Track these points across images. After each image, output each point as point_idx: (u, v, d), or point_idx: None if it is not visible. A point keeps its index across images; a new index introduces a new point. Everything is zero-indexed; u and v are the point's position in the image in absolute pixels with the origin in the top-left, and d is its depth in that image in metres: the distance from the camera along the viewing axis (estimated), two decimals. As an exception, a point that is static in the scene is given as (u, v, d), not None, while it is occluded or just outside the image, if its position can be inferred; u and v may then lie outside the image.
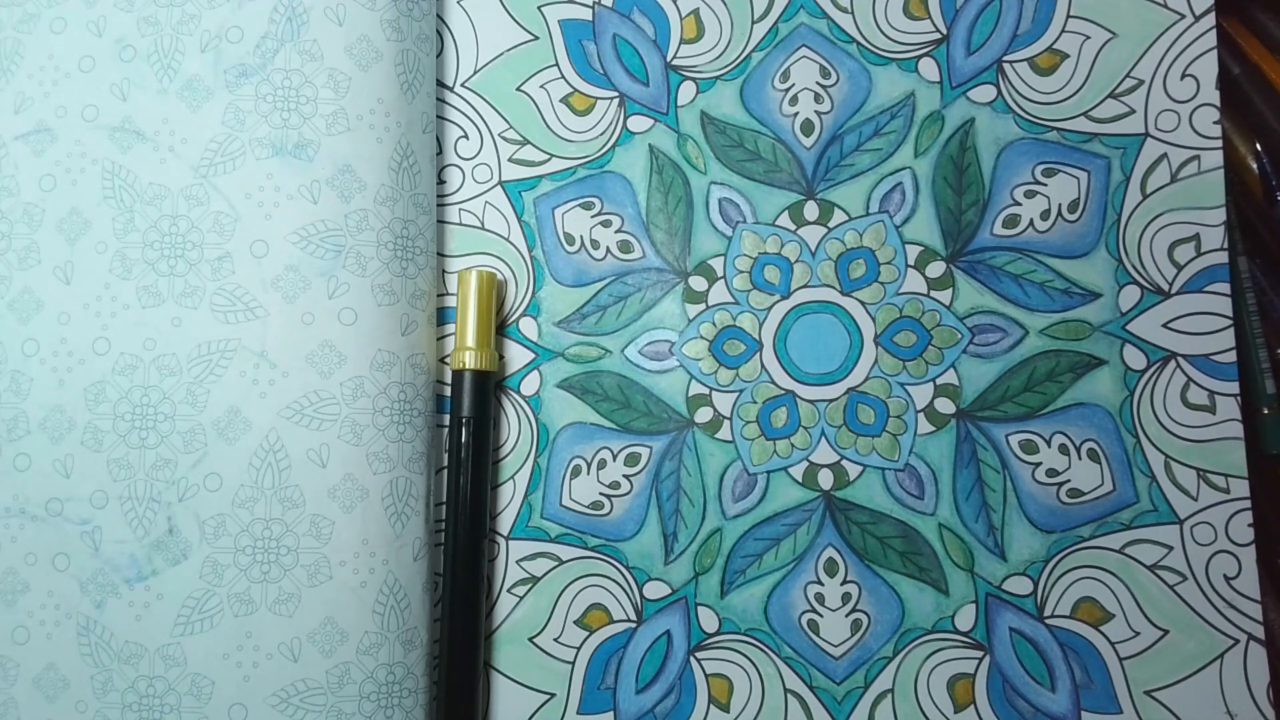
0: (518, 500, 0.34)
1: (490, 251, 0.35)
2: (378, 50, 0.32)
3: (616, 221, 0.35)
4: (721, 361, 0.34)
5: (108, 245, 0.32)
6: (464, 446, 0.32)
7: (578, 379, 0.34)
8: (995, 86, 0.34)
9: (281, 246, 0.31)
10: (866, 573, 0.33)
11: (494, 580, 0.34)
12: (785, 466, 0.34)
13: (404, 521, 0.31)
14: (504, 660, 0.33)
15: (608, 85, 0.35)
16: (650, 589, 0.33)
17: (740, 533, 0.33)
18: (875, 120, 0.34)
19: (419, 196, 0.33)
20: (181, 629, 0.30)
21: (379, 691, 0.31)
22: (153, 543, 0.31)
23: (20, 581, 0.31)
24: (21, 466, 0.32)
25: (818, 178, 0.34)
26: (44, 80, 0.33)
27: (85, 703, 0.31)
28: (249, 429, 0.31)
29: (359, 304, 0.31)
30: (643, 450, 0.34)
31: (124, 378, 0.31)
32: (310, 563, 0.30)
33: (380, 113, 0.32)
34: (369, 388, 0.31)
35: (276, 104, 0.32)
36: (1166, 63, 0.34)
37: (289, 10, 0.32)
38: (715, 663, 0.33)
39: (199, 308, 0.31)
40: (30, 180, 0.32)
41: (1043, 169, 0.34)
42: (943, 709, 0.33)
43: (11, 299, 0.32)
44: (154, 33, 0.32)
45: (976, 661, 0.33)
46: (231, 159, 0.32)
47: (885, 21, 0.35)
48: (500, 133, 0.35)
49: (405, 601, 0.31)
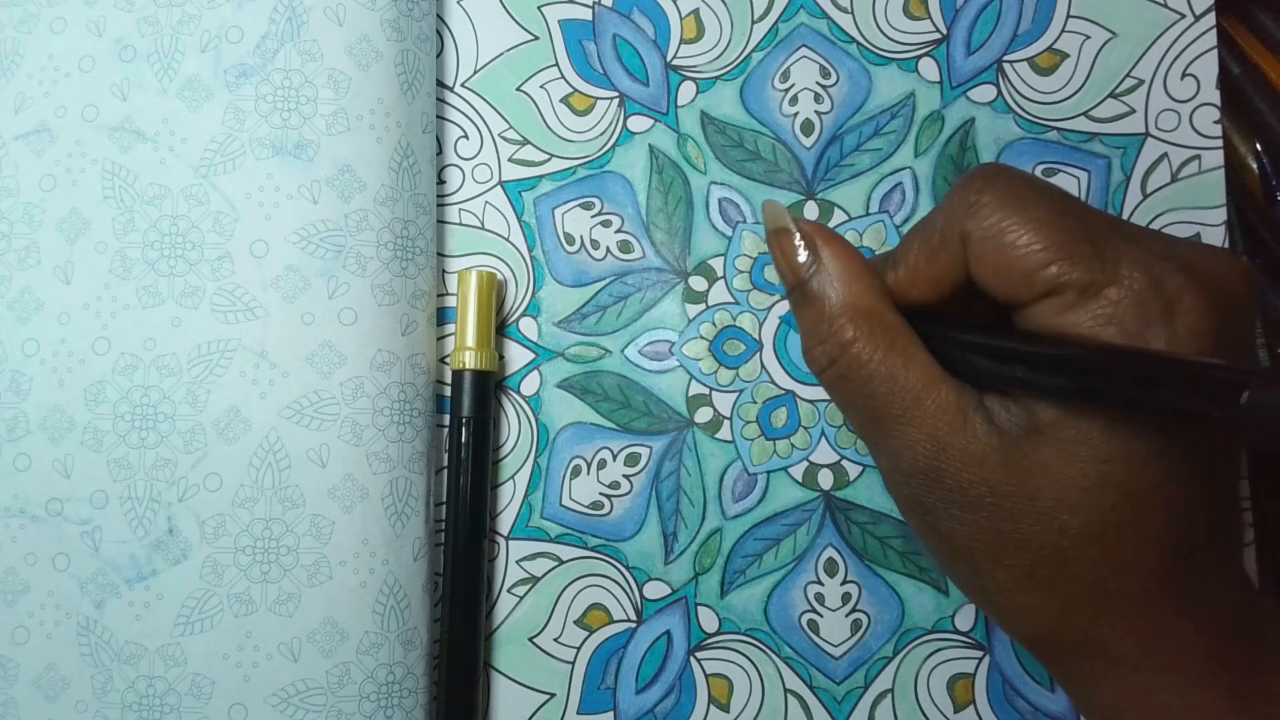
0: (518, 500, 0.34)
1: (490, 251, 0.35)
2: (378, 50, 0.32)
3: (616, 221, 0.35)
4: (721, 361, 0.34)
5: (108, 245, 0.32)
6: (464, 446, 0.32)
7: (578, 379, 0.34)
8: (995, 86, 0.34)
9: (281, 246, 0.31)
10: (866, 573, 0.33)
11: (494, 580, 0.34)
12: (785, 466, 0.34)
13: (404, 521, 0.31)
14: (504, 660, 0.33)
15: (608, 85, 0.35)
16: (650, 589, 0.33)
17: (740, 533, 0.33)
18: (875, 120, 0.34)
19: (419, 196, 0.33)
20: (181, 629, 0.30)
21: (379, 691, 0.31)
22: (153, 543, 0.31)
23: (20, 581, 0.31)
24: (21, 466, 0.32)
25: (818, 178, 0.34)
26: (44, 80, 0.33)
27: (85, 703, 0.31)
28: (249, 429, 0.31)
29: (359, 304, 0.31)
30: (643, 450, 0.34)
31: (124, 378, 0.31)
32: (310, 563, 0.30)
33: (380, 113, 0.32)
34: (369, 388, 0.31)
35: (276, 104, 0.32)
36: (1167, 63, 0.34)
37: (289, 10, 0.32)
38: (715, 663, 0.33)
39: (199, 308, 0.31)
40: (30, 180, 0.32)
41: (1043, 169, 0.34)
42: (942, 709, 0.33)
43: (11, 299, 0.32)
44: (154, 33, 0.32)
45: (976, 661, 0.33)
46: (231, 159, 0.32)
47: (885, 21, 0.35)
48: (500, 133, 0.35)
49: (405, 601, 0.31)
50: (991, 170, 0.24)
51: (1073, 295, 0.22)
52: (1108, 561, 0.22)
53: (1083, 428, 0.22)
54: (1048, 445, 0.22)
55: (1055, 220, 0.22)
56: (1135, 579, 0.22)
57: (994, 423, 0.23)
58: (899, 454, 0.24)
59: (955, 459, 0.23)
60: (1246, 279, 0.23)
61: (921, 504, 0.24)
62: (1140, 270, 0.21)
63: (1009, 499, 0.22)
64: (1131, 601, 0.22)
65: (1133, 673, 0.23)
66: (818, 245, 0.26)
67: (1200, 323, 0.21)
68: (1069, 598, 0.23)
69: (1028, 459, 0.22)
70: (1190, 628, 0.22)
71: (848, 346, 0.24)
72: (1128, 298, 0.21)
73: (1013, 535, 0.22)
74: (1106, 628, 0.23)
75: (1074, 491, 0.22)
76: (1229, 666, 0.22)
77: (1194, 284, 0.21)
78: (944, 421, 0.23)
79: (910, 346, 0.24)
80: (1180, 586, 0.22)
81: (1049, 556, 0.22)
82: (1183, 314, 0.21)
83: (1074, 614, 0.23)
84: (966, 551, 0.24)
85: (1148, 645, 0.22)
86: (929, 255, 0.24)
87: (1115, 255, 0.21)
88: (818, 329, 0.25)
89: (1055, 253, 0.22)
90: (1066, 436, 0.22)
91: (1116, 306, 0.21)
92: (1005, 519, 0.22)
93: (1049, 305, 0.22)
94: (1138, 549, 0.22)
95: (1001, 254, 0.22)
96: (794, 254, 0.26)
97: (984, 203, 0.23)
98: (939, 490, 0.23)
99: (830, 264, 0.25)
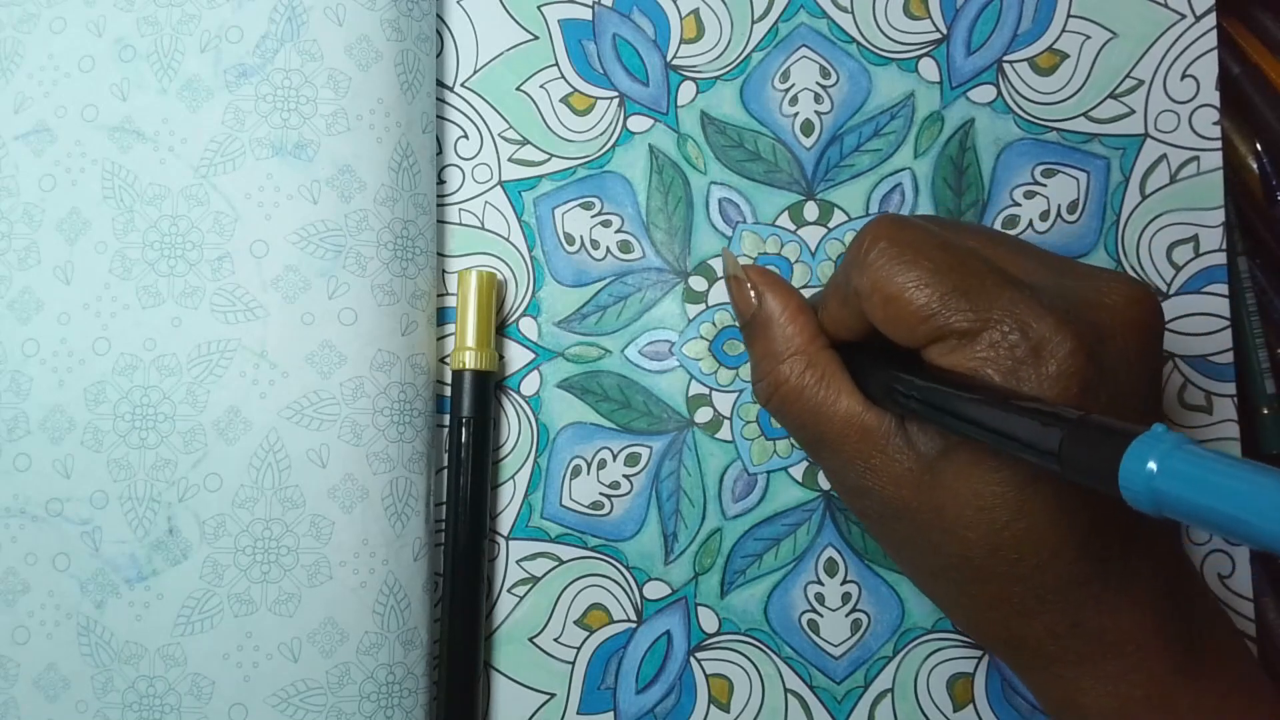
0: (518, 500, 0.34)
1: (490, 251, 0.35)
2: (378, 50, 0.32)
3: (616, 221, 0.35)
4: (721, 361, 0.34)
5: (108, 245, 0.32)
6: (464, 446, 0.32)
7: (578, 379, 0.34)
8: (995, 87, 0.34)
9: (281, 246, 0.31)
10: (866, 573, 0.33)
11: (494, 580, 0.34)
12: (785, 466, 0.34)
13: (404, 521, 0.32)
14: (504, 660, 0.33)
15: (608, 85, 0.35)
16: (650, 589, 0.33)
17: (740, 533, 0.33)
18: (875, 121, 0.34)
19: (419, 196, 0.33)
20: (182, 629, 0.30)
21: (379, 691, 0.31)
22: (153, 543, 0.31)
23: (20, 582, 0.31)
24: (21, 466, 0.32)
25: (818, 178, 0.34)
26: (44, 80, 0.33)
27: (85, 703, 0.31)
28: (249, 429, 0.31)
29: (359, 304, 0.31)
30: (643, 450, 0.34)
31: (124, 378, 0.31)
32: (310, 563, 0.30)
33: (380, 113, 0.32)
34: (369, 388, 0.31)
35: (276, 104, 0.32)
36: (1167, 63, 0.34)
37: (289, 10, 0.32)
38: (715, 663, 0.33)
39: (199, 308, 0.31)
40: (30, 180, 0.32)
41: (1042, 169, 0.34)
42: (942, 708, 0.33)
43: (11, 299, 0.32)
44: (154, 33, 0.32)
45: (976, 661, 0.33)
46: (231, 159, 0.32)
47: (885, 21, 0.35)
48: (500, 133, 0.35)
49: (405, 601, 0.31)
50: (879, 226, 0.25)
51: (954, 341, 0.23)
52: (1009, 572, 0.24)
53: (979, 451, 0.24)
54: (951, 466, 0.24)
55: (932, 276, 0.24)
56: (1042, 586, 0.24)
57: (912, 445, 0.25)
58: (836, 471, 0.27)
59: (879, 477, 0.25)
60: (1142, 310, 0.24)
61: (858, 512, 0.27)
62: (1010, 317, 0.23)
63: (921, 512, 0.25)
64: (1044, 603, 0.24)
65: (1054, 664, 0.25)
66: (761, 290, 0.29)
67: (1068, 364, 0.22)
68: (983, 599, 0.25)
69: (935, 478, 0.24)
70: (1110, 623, 0.24)
71: (782, 383, 0.27)
72: (1000, 343, 0.23)
73: (928, 541, 0.25)
74: (1023, 627, 0.24)
75: (969, 510, 0.24)
76: (1155, 657, 0.24)
77: (1063, 327, 0.22)
78: (867, 446, 0.26)
79: (836, 380, 0.27)
80: (1097, 586, 0.24)
81: (958, 564, 0.24)
82: (1049, 356, 0.22)
83: (991, 614, 0.25)
84: (897, 551, 0.27)
85: (1065, 642, 0.24)
86: (839, 303, 0.27)
87: (988, 303, 0.23)
88: (759, 365, 0.29)
89: (935, 306, 0.23)
90: (964, 458, 0.24)
91: (991, 350, 0.23)
92: (919, 529, 0.25)
93: (937, 349, 0.24)
94: (1038, 561, 0.23)
95: (887, 309, 0.24)
96: (743, 297, 0.29)
97: (869, 261, 0.25)
98: (868, 501, 0.26)
99: (772, 306, 0.28)
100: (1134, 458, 0.16)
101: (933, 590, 0.27)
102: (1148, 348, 0.24)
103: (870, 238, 0.25)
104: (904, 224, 0.25)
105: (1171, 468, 0.16)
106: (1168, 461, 0.16)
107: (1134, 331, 0.24)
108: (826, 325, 0.28)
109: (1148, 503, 0.16)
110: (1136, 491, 0.16)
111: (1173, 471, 0.16)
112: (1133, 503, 0.16)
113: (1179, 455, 0.16)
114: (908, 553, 0.26)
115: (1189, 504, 0.15)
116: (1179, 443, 0.16)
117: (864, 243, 0.25)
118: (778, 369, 0.28)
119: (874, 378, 0.26)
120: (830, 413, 0.26)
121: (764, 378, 0.28)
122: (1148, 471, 0.16)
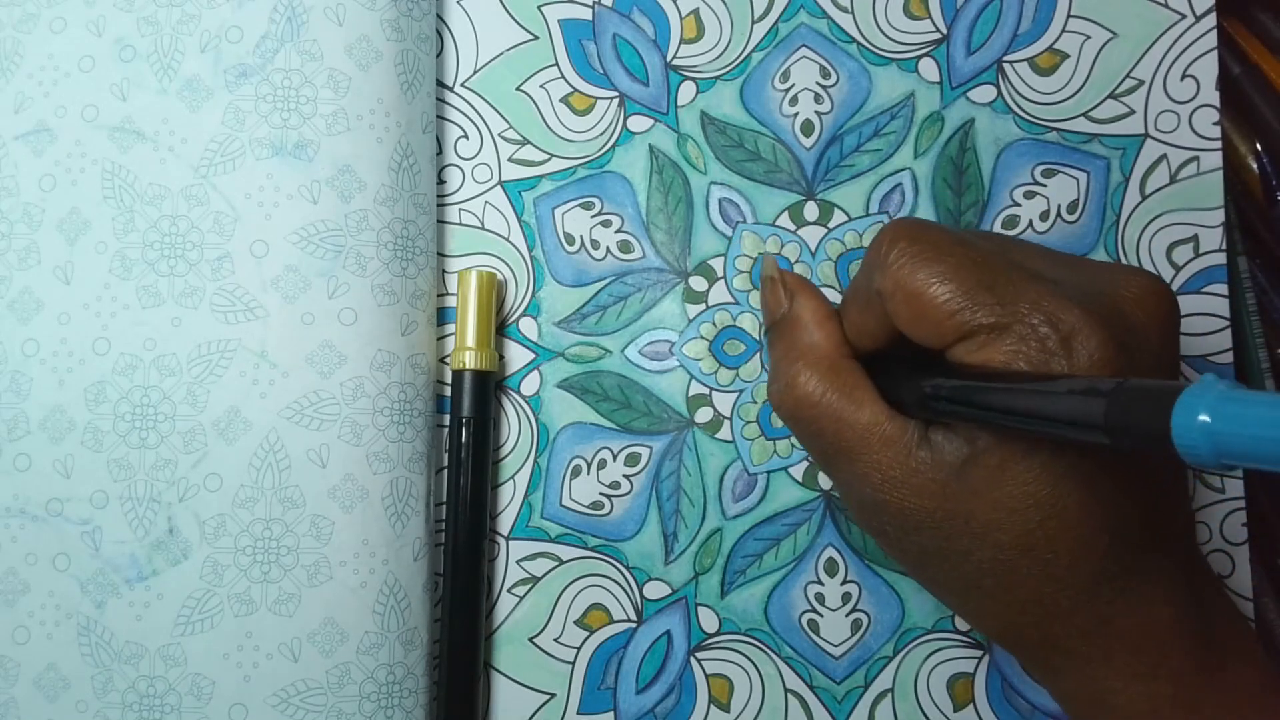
0: (518, 500, 0.34)
1: (490, 251, 0.35)
2: (378, 50, 0.32)
3: (616, 221, 0.35)
4: (722, 361, 0.34)
5: (108, 245, 0.32)
6: (464, 446, 0.32)
7: (578, 379, 0.34)
8: (995, 87, 0.34)
9: (281, 246, 0.31)
10: (866, 572, 0.33)
11: (494, 580, 0.34)
12: (785, 466, 0.34)
13: (404, 522, 0.32)
14: (504, 660, 0.33)
15: (608, 85, 0.35)
16: (650, 589, 0.33)
17: (740, 533, 0.34)
18: (875, 121, 0.34)
19: (419, 196, 0.33)
20: (182, 629, 0.30)
21: (379, 691, 0.31)
22: (153, 543, 0.31)
23: (20, 582, 0.31)
24: (21, 466, 0.32)
25: (818, 178, 0.34)
26: (44, 80, 0.33)
27: (85, 703, 0.31)
28: (249, 429, 0.31)
29: (359, 304, 0.31)
30: (643, 450, 0.34)
31: (124, 378, 0.31)
32: (310, 563, 0.30)
33: (380, 113, 0.32)
34: (369, 388, 0.31)
35: (276, 104, 0.32)
36: (1167, 63, 0.34)
37: (289, 10, 0.32)
38: (715, 663, 0.33)
39: (199, 308, 0.31)
40: (30, 180, 0.32)
41: (1042, 170, 0.34)
42: (942, 708, 0.33)
43: (11, 299, 0.32)
44: (154, 33, 0.32)
45: (976, 661, 0.33)
46: (231, 159, 0.32)
47: (885, 21, 0.35)
48: (500, 133, 0.35)
49: (405, 601, 0.31)
50: (898, 227, 0.25)
51: (983, 336, 0.23)
52: (1042, 572, 0.24)
53: (1008, 451, 0.23)
54: (980, 470, 0.24)
55: (956, 271, 0.24)
56: (1074, 584, 0.24)
57: (936, 454, 0.25)
58: (850, 484, 0.26)
59: (899, 489, 0.25)
60: (1161, 302, 0.24)
61: (872, 526, 0.27)
62: (1037, 310, 0.23)
63: (948, 521, 0.24)
64: (1075, 604, 0.24)
65: (1085, 665, 0.25)
66: (793, 292, 0.29)
67: (1099, 354, 0.22)
68: (1015, 604, 0.24)
69: (963, 484, 0.24)
70: (1134, 623, 0.24)
71: (799, 388, 0.27)
72: (1029, 336, 0.23)
73: (956, 550, 0.24)
74: (1055, 627, 0.24)
75: (1001, 512, 0.23)
76: (1180, 655, 0.24)
77: (1092, 318, 0.23)
78: (887, 456, 0.25)
79: (858, 389, 0.26)
80: (1125, 582, 0.24)
81: (990, 569, 0.24)
82: (1081, 347, 0.22)
83: (1024, 616, 0.25)
84: (919, 564, 0.26)
85: (1095, 640, 0.24)
86: (860, 310, 0.27)
87: (1014, 297, 0.23)
88: (778, 366, 0.28)
89: (960, 301, 0.23)
90: (994, 461, 0.24)
91: (1021, 343, 0.23)
92: (946, 539, 0.25)
93: (964, 346, 0.24)
94: (1070, 560, 0.23)
95: (911, 307, 0.24)
96: (776, 298, 0.30)
97: (890, 261, 0.25)
98: (885, 515, 0.26)
99: (801, 309, 0.29)
100: (1184, 411, 0.16)
101: (961, 601, 0.26)
102: (1168, 339, 0.24)
103: (889, 239, 0.25)
104: (922, 225, 0.25)
105: (1227, 412, 0.15)
106: (1223, 407, 0.15)
107: (1155, 323, 0.24)
108: (847, 333, 0.28)
109: (1209, 453, 0.16)
110: (1194, 444, 0.16)
111: (1230, 416, 0.15)
112: (1190, 457, 0.16)
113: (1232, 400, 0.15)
114: (932, 566, 0.26)
115: (1254, 446, 0.15)
116: (1230, 388, 0.16)
117: (883, 245, 0.25)
118: (794, 376, 0.27)
119: (902, 386, 0.26)
120: (851, 420, 0.26)
121: (781, 380, 0.28)
122: (1200, 424, 0.16)
